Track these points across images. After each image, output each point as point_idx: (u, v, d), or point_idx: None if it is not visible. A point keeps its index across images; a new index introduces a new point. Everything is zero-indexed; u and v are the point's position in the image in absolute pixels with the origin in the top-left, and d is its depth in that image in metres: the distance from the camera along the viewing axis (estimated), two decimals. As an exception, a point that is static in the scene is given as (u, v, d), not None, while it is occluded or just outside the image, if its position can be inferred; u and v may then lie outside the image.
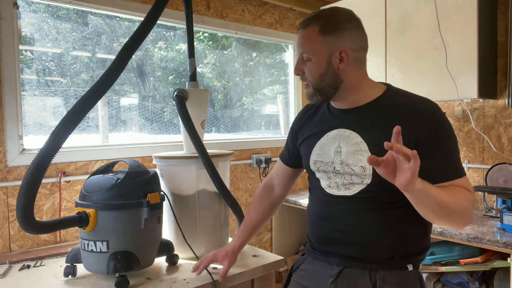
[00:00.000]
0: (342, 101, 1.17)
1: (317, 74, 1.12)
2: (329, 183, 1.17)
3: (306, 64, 1.14)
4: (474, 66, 2.04)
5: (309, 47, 1.12)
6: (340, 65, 1.11)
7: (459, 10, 2.08)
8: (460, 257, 1.98)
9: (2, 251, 1.76)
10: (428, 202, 0.96)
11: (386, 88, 1.17)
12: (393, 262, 1.11)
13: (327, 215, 1.19)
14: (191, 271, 1.41)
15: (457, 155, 1.09)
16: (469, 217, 1.03)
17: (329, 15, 1.13)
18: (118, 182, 1.39)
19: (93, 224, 1.36)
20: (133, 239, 1.40)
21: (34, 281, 1.43)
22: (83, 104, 1.31)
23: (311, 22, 1.12)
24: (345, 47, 1.10)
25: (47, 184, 1.88)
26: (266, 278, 1.62)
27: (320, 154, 1.20)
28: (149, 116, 2.41)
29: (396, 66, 2.36)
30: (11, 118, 1.79)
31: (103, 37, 2.22)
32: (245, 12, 2.74)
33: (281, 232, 2.93)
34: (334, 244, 1.17)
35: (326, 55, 1.11)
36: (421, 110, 1.08)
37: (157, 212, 1.43)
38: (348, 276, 1.13)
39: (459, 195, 1.02)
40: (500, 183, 2.15)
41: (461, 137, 2.46)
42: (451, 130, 1.09)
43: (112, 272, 1.35)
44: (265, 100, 3.07)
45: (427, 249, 1.17)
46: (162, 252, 1.53)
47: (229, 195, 1.72)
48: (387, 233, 1.10)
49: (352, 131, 1.13)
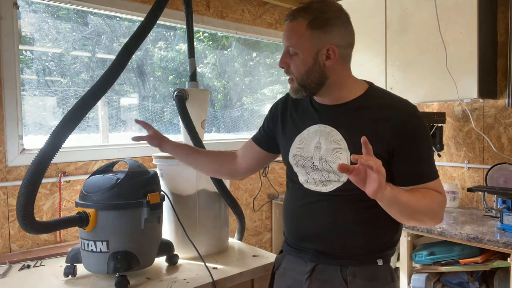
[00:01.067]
0: (325, 97, 1.17)
1: (303, 70, 1.10)
2: (307, 179, 1.17)
3: (292, 58, 1.11)
4: (474, 66, 2.04)
5: (296, 41, 1.09)
6: (327, 62, 1.10)
7: (459, 10, 2.08)
8: (460, 257, 1.98)
9: (2, 251, 1.76)
10: (397, 208, 1.00)
11: (368, 86, 1.17)
12: (364, 257, 1.13)
13: (302, 211, 1.19)
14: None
15: (431, 159, 1.11)
16: (438, 218, 1.08)
17: (319, 9, 1.09)
18: (118, 182, 1.39)
19: (93, 224, 1.36)
20: (133, 239, 1.40)
21: (34, 281, 1.43)
22: (83, 104, 1.32)
23: (300, 15, 1.09)
24: (333, 44, 1.08)
25: (47, 184, 1.88)
26: (266, 278, 1.61)
27: (300, 148, 1.19)
28: (149, 116, 2.41)
29: (396, 66, 2.36)
30: (11, 118, 1.79)
31: (103, 37, 2.22)
32: (245, 12, 2.74)
33: (281, 232, 2.92)
34: (308, 240, 1.18)
35: (313, 51, 1.09)
36: (399, 113, 1.09)
37: (157, 212, 1.42)
38: (321, 272, 1.15)
39: (429, 199, 1.05)
40: (500, 183, 2.15)
41: (461, 137, 2.46)
42: (427, 134, 1.11)
43: (112, 272, 1.35)
44: (265, 100, 3.07)
45: (396, 244, 1.20)
46: (162, 252, 1.53)
47: (229, 195, 1.72)
48: (360, 230, 1.13)
49: (333, 128, 1.13)
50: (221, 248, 1.76)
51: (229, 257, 1.70)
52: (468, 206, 2.45)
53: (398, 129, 1.06)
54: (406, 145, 1.07)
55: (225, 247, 1.80)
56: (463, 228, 1.93)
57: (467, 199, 2.46)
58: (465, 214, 2.23)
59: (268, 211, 2.88)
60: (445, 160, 2.55)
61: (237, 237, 1.92)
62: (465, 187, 2.42)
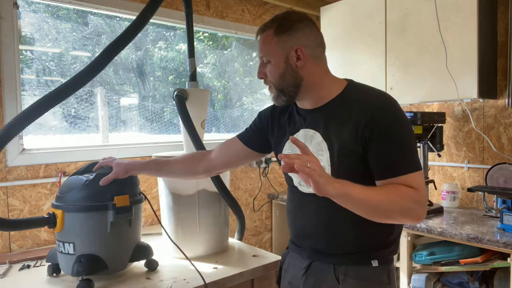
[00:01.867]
0: (305, 100, 1.20)
1: (277, 75, 1.15)
2: (299, 181, 1.22)
3: (266, 66, 1.17)
4: (474, 66, 2.04)
5: (266, 49, 1.16)
6: (298, 63, 1.14)
7: (459, 10, 2.08)
8: (460, 257, 1.98)
9: (2, 251, 1.76)
10: (352, 205, 1.01)
11: (347, 84, 1.19)
12: (356, 256, 1.15)
13: (299, 211, 1.25)
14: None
15: (406, 151, 1.08)
16: (414, 215, 1.04)
17: (282, 18, 1.17)
18: (86, 183, 1.36)
19: (61, 225, 1.34)
20: (100, 243, 1.36)
21: (34, 281, 1.43)
22: (43, 102, 1.34)
23: (267, 27, 1.17)
24: (299, 45, 1.13)
25: (47, 184, 1.88)
26: (266, 278, 1.62)
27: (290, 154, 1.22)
28: (149, 116, 2.41)
29: (396, 66, 2.36)
30: (11, 118, 1.78)
31: (103, 37, 2.22)
32: (245, 12, 2.74)
33: (281, 232, 2.93)
34: (305, 238, 1.23)
35: (283, 55, 1.14)
36: (370, 106, 1.09)
37: (125, 216, 1.37)
38: (316, 269, 1.19)
39: (396, 195, 1.03)
40: (500, 183, 2.15)
41: (461, 137, 2.46)
42: (399, 125, 1.09)
43: (75, 275, 1.32)
44: (265, 100, 3.07)
45: (393, 244, 1.19)
46: (138, 257, 1.47)
47: (229, 195, 1.72)
48: (351, 228, 1.14)
49: (315, 131, 1.16)
50: (221, 248, 1.76)
51: (229, 257, 1.70)
52: (468, 206, 2.45)
53: (369, 123, 1.07)
54: (376, 138, 1.07)
55: (225, 247, 1.80)
56: (463, 228, 1.93)
57: (467, 199, 2.46)
58: (465, 214, 2.24)
59: (268, 211, 2.88)
60: (445, 160, 2.55)
61: (237, 237, 1.92)
62: (465, 187, 2.42)
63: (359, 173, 1.10)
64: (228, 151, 1.43)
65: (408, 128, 1.11)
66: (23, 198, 1.82)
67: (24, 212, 1.83)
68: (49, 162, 1.89)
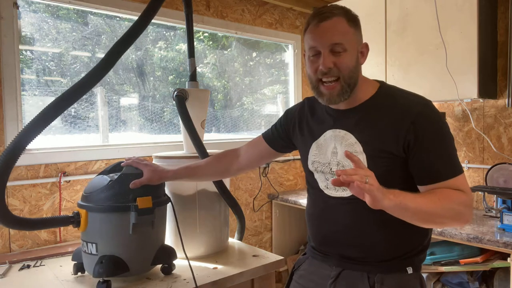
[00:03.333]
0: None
1: (352, 66, 1.07)
2: (326, 184, 1.17)
3: (340, 56, 1.05)
4: (474, 66, 2.04)
5: (343, 37, 1.05)
6: (361, 60, 1.10)
7: (459, 10, 2.08)
8: (460, 257, 1.98)
9: (2, 251, 1.76)
10: (408, 214, 0.97)
11: (380, 85, 1.16)
12: (391, 264, 1.10)
13: (325, 216, 1.18)
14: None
15: (450, 155, 1.05)
16: (463, 218, 1.02)
17: (344, 8, 1.08)
18: (109, 184, 1.35)
19: (85, 225, 1.34)
20: (121, 244, 1.34)
21: (34, 281, 1.43)
22: (60, 103, 1.30)
23: (334, 14, 1.05)
24: (364, 41, 1.10)
25: (47, 184, 1.88)
26: (266, 278, 1.62)
27: (318, 155, 1.19)
28: (149, 116, 2.41)
29: (396, 66, 2.36)
30: (11, 118, 1.79)
31: (103, 37, 2.22)
32: (245, 12, 2.74)
33: (281, 232, 2.93)
34: (333, 245, 1.17)
35: (356, 47, 1.08)
36: (410, 110, 1.06)
37: (148, 218, 1.35)
38: (346, 278, 1.12)
39: (447, 200, 1.00)
40: (500, 183, 2.15)
41: (461, 137, 2.46)
42: (441, 128, 1.06)
43: (96, 276, 1.30)
44: (265, 100, 3.07)
45: (426, 249, 1.16)
46: (161, 259, 1.45)
47: (229, 195, 1.72)
48: (385, 234, 1.09)
49: (347, 132, 1.12)
50: (221, 248, 1.76)
51: (229, 257, 1.69)
52: (468, 206, 2.45)
53: (410, 127, 1.04)
54: (418, 142, 1.03)
55: (225, 247, 1.80)
56: (463, 228, 1.93)
57: (467, 199, 2.46)
58: (465, 214, 2.23)
59: (268, 211, 2.88)
60: (445, 160, 2.55)
61: (237, 237, 1.92)
62: (465, 187, 2.41)
63: (396, 175, 1.07)
64: (255, 151, 1.42)
65: (449, 131, 1.08)
66: (23, 198, 1.82)
67: (24, 212, 1.83)
68: (49, 162, 1.89)
